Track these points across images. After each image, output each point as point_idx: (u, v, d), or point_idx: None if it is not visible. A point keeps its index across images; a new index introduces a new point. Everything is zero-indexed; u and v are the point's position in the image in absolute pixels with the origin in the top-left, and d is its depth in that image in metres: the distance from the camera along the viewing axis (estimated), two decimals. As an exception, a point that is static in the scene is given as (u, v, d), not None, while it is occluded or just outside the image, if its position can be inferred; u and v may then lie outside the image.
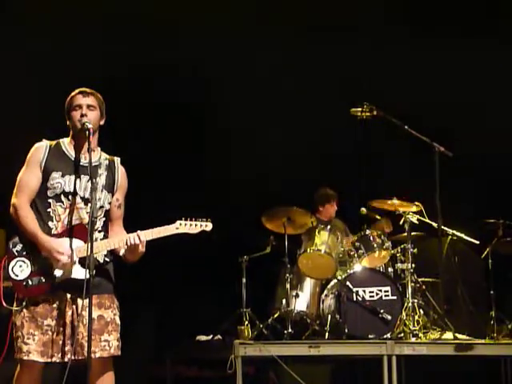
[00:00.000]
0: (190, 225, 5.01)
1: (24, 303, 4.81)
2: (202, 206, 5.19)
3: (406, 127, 7.64)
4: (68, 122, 5.05)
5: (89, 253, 4.61)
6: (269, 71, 9.36)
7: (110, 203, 5.04)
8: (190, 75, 9.22)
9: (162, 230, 4.94)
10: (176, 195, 8.65)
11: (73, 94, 5.04)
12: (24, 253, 4.83)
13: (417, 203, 7.95)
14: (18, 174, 4.99)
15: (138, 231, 4.90)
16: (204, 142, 9.49)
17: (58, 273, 4.80)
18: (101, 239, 4.95)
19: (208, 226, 5.06)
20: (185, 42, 9.06)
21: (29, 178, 4.93)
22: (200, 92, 9.29)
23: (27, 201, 4.89)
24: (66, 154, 5.00)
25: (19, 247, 4.84)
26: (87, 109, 4.97)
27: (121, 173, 5.14)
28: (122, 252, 4.99)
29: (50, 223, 4.88)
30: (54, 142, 5.03)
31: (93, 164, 4.92)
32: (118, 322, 4.99)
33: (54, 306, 4.83)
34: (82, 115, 4.93)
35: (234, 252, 8.51)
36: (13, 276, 4.78)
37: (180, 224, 4.98)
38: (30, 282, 4.78)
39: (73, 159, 4.98)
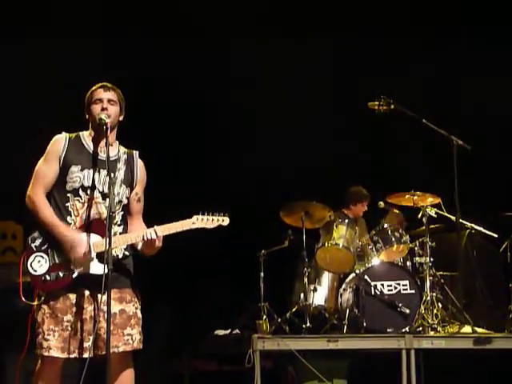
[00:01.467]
0: (207, 219, 5.01)
1: (42, 298, 4.83)
2: (220, 201, 5.17)
3: (424, 121, 7.64)
4: (87, 116, 5.05)
5: (107, 247, 4.62)
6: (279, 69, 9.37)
7: (127, 198, 5.05)
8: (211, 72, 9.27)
9: (179, 225, 4.94)
10: (193, 190, 8.66)
11: (94, 88, 5.04)
12: (43, 248, 4.84)
13: (434, 196, 7.94)
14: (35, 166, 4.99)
15: (155, 226, 4.90)
16: (220, 138, 9.47)
17: (76, 268, 4.81)
18: (120, 233, 4.97)
19: (225, 221, 5.06)
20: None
21: (46, 170, 4.93)
22: (219, 89, 9.30)
23: (43, 193, 4.90)
24: (85, 147, 5.00)
25: (38, 242, 4.86)
26: (108, 103, 4.97)
27: (139, 167, 5.14)
28: (139, 246, 4.99)
29: (68, 218, 4.88)
30: (73, 135, 5.03)
31: (112, 158, 4.96)
32: (140, 315, 5.00)
33: (74, 301, 4.84)
34: (102, 109, 4.94)
35: (252, 246, 8.51)
36: (31, 271, 4.81)
37: (197, 219, 4.98)
38: (47, 277, 4.80)
39: (92, 153, 4.98)
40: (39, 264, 4.82)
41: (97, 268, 4.82)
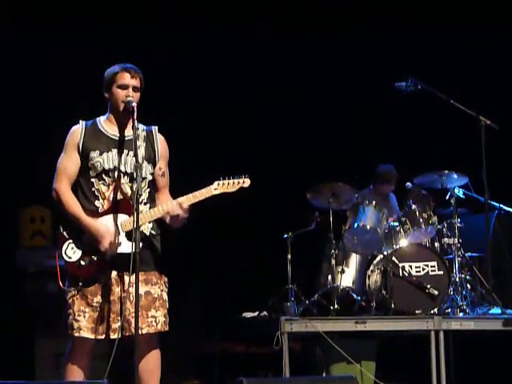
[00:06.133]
0: (228, 184, 4.99)
1: (80, 284, 4.87)
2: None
3: (452, 101, 7.59)
4: (107, 95, 5.02)
5: (135, 226, 4.63)
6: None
7: (151, 174, 5.05)
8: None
9: (202, 193, 4.95)
10: (217, 170, 8.63)
11: (118, 69, 4.99)
12: (73, 235, 4.89)
13: (462, 177, 7.88)
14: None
15: (179, 199, 4.91)
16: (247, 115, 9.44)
17: (108, 253, 4.85)
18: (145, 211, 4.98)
19: (246, 183, 5.04)
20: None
21: (67, 162, 4.97)
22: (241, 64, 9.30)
23: (68, 184, 4.94)
24: (102, 131, 5.02)
25: (69, 229, 4.91)
26: (133, 91, 4.95)
27: (160, 141, 5.13)
28: (167, 220, 4.97)
29: (96, 202, 4.93)
30: (90, 122, 5.04)
31: (129, 138, 4.96)
32: (166, 297, 5.03)
33: (102, 283, 4.89)
34: (127, 97, 4.92)
35: (279, 229, 8.49)
36: (66, 258, 4.89)
37: (218, 184, 4.98)
38: (82, 263, 4.86)
39: (110, 136, 5.00)
40: (72, 251, 4.89)
41: (125, 247, 4.84)
